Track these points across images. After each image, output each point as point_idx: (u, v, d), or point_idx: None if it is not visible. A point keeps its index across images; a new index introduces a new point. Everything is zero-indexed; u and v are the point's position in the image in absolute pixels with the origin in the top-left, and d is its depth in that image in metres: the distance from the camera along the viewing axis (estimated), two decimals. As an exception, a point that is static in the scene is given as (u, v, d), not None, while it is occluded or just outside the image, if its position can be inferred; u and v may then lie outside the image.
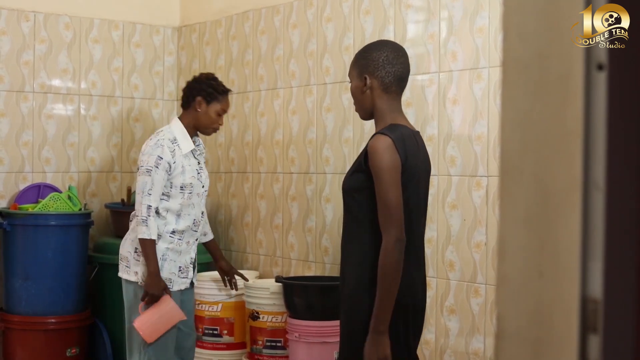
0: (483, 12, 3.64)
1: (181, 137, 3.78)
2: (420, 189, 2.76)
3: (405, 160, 2.63)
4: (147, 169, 3.66)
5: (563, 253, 1.05)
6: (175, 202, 3.73)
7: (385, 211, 2.59)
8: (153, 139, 3.77)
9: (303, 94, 4.59)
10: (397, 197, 2.59)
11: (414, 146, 2.71)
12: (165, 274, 3.71)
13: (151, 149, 3.71)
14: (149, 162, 3.67)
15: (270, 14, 4.83)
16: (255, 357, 4.21)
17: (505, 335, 1.13)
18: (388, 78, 2.74)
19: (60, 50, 5.10)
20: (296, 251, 4.62)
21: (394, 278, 2.57)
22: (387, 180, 2.58)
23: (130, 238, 3.78)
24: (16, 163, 4.95)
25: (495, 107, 3.59)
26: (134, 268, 3.72)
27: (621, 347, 1.01)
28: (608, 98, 1.00)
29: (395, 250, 2.57)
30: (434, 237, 3.82)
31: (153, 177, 3.65)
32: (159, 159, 3.67)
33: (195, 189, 3.79)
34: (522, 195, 1.11)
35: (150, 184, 3.65)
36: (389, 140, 2.62)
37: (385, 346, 2.58)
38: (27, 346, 4.63)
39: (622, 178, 1.01)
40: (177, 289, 3.76)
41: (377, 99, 2.76)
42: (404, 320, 2.69)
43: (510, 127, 1.14)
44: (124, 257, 3.80)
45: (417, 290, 2.74)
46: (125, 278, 3.77)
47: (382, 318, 2.58)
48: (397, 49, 2.80)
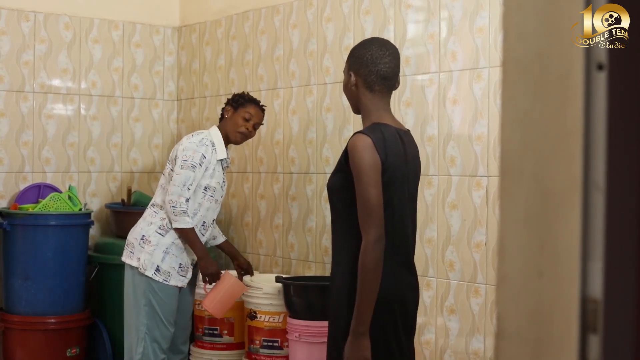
0: (483, 12, 3.64)
1: (218, 143, 3.99)
2: (406, 189, 2.73)
3: (385, 159, 2.61)
4: (192, 164, 3.85)
5: (563, 253, 1.05)
6: (194, 201, 3.90)
7: (364, 211, 2.57)
8: (196, 136, 3.95)
9: (303, 94, 4.59)
10: (376, 197, 2.57)
11: (395, 145, 2.68)
12: (165, 267, 3.87)
13: (196, 145, 3.89)
14: (194, 158, 3.86)
15: (270, 14, 4.83)
16: (253, 356, 4.21)
17: (505, 335, 1.13)
18: (371, 77, 2.73)
19: (60, 50, 5.10)
20: (296, 251, 4.63)
21: (373, 278, 2.55)
22: (366, 180, 2.57)
23: (141, 226, 3.95)
24: (16, 163, 4.95)
25: (495, 107, 3.59)
26: (137, 254, 3.88)
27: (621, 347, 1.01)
28: (608, 98, 1.00)
29: (374, 249, 2.55)
30: (434, 237, 3.82)
31: (196, 173, 3.85)
32: (203, 157, 3.88)
33: (216, 194, 3.98)
34: (522, 195, 1.11)
35: (192, 179, 3.84)
36: (369, 140, 2.60)
37: (365, 348, 2.55)
38: (27, 346, 4.63)
39: (622, 178, 1.01)
40: (174, 284, 3.90)
41: (362, 96, 2.76)
42: (393, 321, 2.67)
43: (510, 127, 1.14)
44: (130, 243, 3.95)
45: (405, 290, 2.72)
46: (128, 262, 3.92)
47: (361, 319, 2.56)
48: (384, 48, 2.76)
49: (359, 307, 2.56)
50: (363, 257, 2.56)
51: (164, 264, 3.86)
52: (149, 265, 3.85)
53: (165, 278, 3.86)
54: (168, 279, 3.87)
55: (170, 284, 3.88)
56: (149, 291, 3.85)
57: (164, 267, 3.86)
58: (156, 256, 3.85)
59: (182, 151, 3.88)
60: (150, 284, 3.85)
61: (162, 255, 3.86)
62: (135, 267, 3.87)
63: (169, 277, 3.87)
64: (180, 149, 3.91)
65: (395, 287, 2.67)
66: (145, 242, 3.87)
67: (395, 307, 2.68)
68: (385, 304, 2.64)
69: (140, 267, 3.85)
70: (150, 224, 3.91)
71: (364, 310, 2.55)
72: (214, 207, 4.00)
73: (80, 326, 4.75)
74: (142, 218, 3.99)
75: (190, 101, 5.46)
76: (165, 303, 3.87)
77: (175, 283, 3.90)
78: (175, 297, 3.91)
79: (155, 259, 3.85)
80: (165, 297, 3.87)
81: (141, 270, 3.84)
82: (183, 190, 3.81)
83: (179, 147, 3.94)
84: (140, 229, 3.93)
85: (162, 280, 3.85)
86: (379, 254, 2.56)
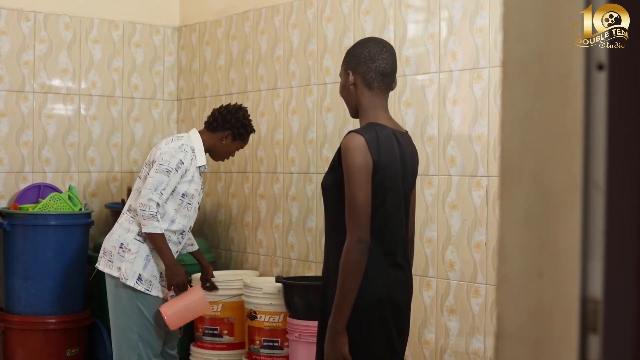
0: (483, 12, 3.64)
1: (198, 149, 3.88)
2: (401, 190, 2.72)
3: (378, 159, 2.60)
4: (168, 169, 3.74)
5: (563, 253, 1.05)
6: (170, 207, 3.79)
7: (351, 211, 2.57)
8: (176, 141, 3.84)
9: (303, 94, 4.59)
10: (364, 198, 2.56)
11: (390, 146, 2.67)
12: (147, 275, 3.76)
13: (174, 150, 3.79)
14: (171, 163, 3.75)
15: (270, 14, 4.83)
16: (253, 356, 4.21)
17: (505, 335, 1.13)
18: (370, 74, 2.72)
19: (60, 50, 5.10)
20: (296, 251, 4.63)
21: (352, 278, 2.56)
22: (356, 180, 2.57)
23: (118, 233, 3.82)
24: (16, 163, 4.95)
25: (495, 107, 3.59)
26: (117, 263, 3.77)
27: (621, 347, 1.01)
28: (608, 98, 1.00)
29: (355, 250, 2.55)
30: (434, 237, 3.82)
31: (170, 178, 3.74)
32: (180, 163, 3.77)
33: (193, 202, 3.87)
34: (522, 195, 1.11)
35: (165, 184, 3.73)
36: (362, 140, 2.59)
37: (343, 345, 2.57)
38: (27, 346, 4.63)
39: (622, 178, 1.01)
40: (156, 295, 3.79)
41: (360, 96, 2.75)
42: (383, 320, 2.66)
43: (510, 127, 1.14)
44: (107, 251, 3.83)
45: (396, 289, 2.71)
46: (107, 272, 3.81)
47: (338, 316, 2.57)
48: (380, 45, 2.77)
49: (337, 305, 2.57)
50: (344, 257, 2.57)
51: (146, 272, 3.75)
52: (131, 275, 3.73)
53: (147, 287, 3.75)
54: (150, 289, 3.76)
55: (152, 294, 3.77)
56: (135, 298, 3.76)
57: (146, 275, 3.75)
58: (137, 265, 3.75)
59: (159, 155, 3.77)
60: (134, 293, 3.75)
61: (143, 263, 3.75)
62: (116, 277, 3.76)
63: (151, 286, 3.77)
64: (158, 153, 3.80)
65: (387, 289, 2.67)
66: (125, 250, 3.76)
67: (387, 308, 2.68)
68: (377, 306, 2.64)
69: (122, 277, 3.73)
70: (128, 231, 3.79)
71: (341, 308, 2.56)
72: (191, 215, 3.89)
73: (80, 326, 4.75)
74: (118, 224, 3.87)
75: (190, 101, 5.46)
76: (150, 310, 3.78)
77: (157, 294, 3.79)
78: (159, 304, 3.80)
79: (137, 268, 3.75)
80: (148, 306, 3.78)
81: (122, 280, 3.73)
82: (154, 194, 3.70)
83: (156, 151, 3.83)
84: (118, 236, 3.81)
85: (144, 290, 3.74)
86: (360, 255, 2.56)
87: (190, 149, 3.83)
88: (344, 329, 2.57)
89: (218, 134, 3.96)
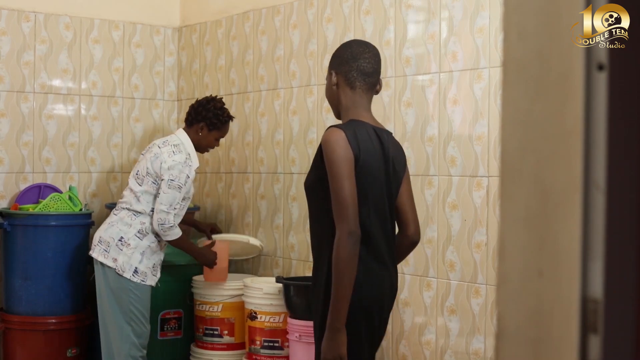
0: (483, 12, 3.64)
1: (193, 154, 4.14)
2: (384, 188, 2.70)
3: (358, 154, 2.60)
4: (179, 185, 4.00)
5: (563, 253, 1.05)
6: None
7: (338, 205, 2.54)
8: (178, 154, 4.06)
9: (303, 94, 4.59)
10: (349, 190, 2.54)
11: (369, 143, 2.66)
12: (143, 268, 4.01)
13: (182, 166, 4.03)
14: (180, 179, 4.01)
15: (270, 14, 4.83)
16: (253, 357, 4.21)
17: (505, 335, 1.13)
18: (351, 73, 2.73)
19: (61, 51, 5.10)
20: (296, 251, 4.62)
21: (348, 272, 2.51)
22: (339, 173, 2.55)
23: (119, 227, 4.03)
24: (17, 163, 4.95)
25: (495, 107, 3.59)
26: (114, 255, 3.99)
27: (621, 347, 1.01)
28: (608, 98, 1.00)
29: (347, 243, 2.51)
30: (434, 237, 3.82)
31: (181, 193, 4.02)
32: (187, 177, 4.04)
33: (187, 202, 4.15)
34: (522, 195, 1.11)
35: (178, 199, 4.01)
36: (341, 134, 2.59)
37: (342, 344, 2.53)
38: (27, 346, 4.62)
39: (622, 178, 1.01)
40: (149, 284, 4.05)
41: (342, 95, 2.76)
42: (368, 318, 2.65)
43: (510, 127, 1.14)
44: (104, 241, 4.04)
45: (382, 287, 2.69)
46: (101, 261, 4.01)
47: (337, 314, 2.52)
48: (364, 46, 2.78)
49: (334, 303, 2.53)
50: (336, 251, 2.53)
51: (141, 265, 4.00)
52: (128, 267, 3.98)
53: (142, 279, 4.01)
54: (145, 279, 4.02)
55: (147, 283, 4.03)
56: (129, 290, 3.98)
57: (141, 268, 4.00)
58: (134, 258, 3.99)
59: (167, 170, 4.00)
60: (129, 284, 3.98)
61: (139, 258, 4.00)
62: (110, 267, 3.98)
63: (146, 277, 4.02)
64: (165, 167, 4.00)
65: (374, 285, 2.65)
66: (124, 244, 3.99)
67: (374, 305, 2.67)
68: (363, 308, 2.62)
69: (118, 269, 3.98)
70: (130, 227, 4.02)
71: (339, 305, 2.52)
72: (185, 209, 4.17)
73: (80, 326, 4.74)
74: (118, 218, 4.07)
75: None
76: (142, 301, 4.01)
77: (150, 283, 4.05)
78: (150, 295, 4.06)
79: (134, 261, 3.99)
80: (142, 296, 4.01)
81: (119, 271, 3.97)
82: (170, 209, 3.97)
83: (161, 163, 4.01)
84: (119, 230, 4.03)
85: (139, 281, 4.00)
86: (352, 247, 2.52)
87: (187, 155, 4.07)
88: (343, 327, 2.53)
89: (194, 127, 4.19)
